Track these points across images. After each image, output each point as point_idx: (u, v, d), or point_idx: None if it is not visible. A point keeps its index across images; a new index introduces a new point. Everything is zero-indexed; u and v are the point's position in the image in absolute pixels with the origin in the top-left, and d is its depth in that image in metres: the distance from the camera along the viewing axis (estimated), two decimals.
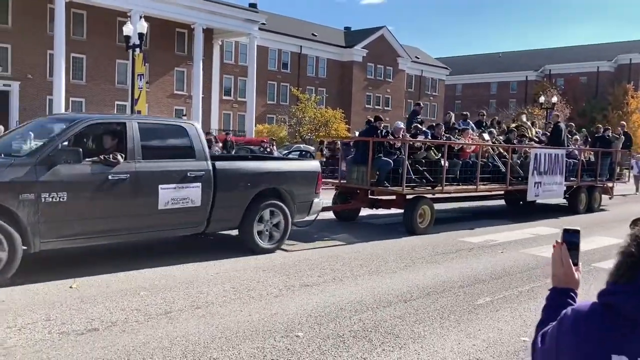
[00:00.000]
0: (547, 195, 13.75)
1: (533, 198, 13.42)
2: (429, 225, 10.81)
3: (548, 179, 13.25)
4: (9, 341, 4.44)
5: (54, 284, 6.08)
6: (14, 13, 33.15)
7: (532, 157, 12.96)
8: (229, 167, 8.13)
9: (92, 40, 35.98)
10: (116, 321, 5.00)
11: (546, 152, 13.42)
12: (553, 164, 13.35)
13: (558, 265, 1.64)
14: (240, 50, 46.76)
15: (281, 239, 8.45)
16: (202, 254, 7.94)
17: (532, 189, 12.92)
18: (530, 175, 12.85)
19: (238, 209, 7.97)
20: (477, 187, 11.94)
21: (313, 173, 9.09)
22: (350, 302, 5.87)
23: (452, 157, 11.80)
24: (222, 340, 4.62)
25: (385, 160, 10.61)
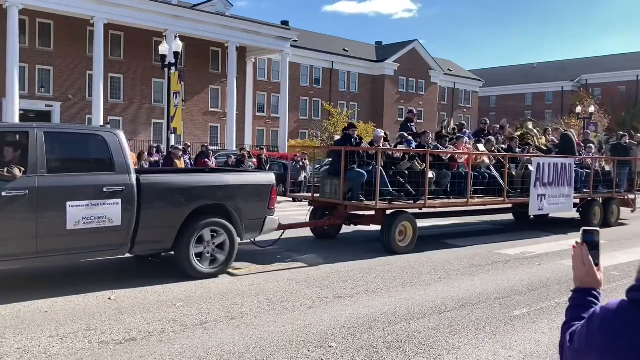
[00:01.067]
0: (554, 209, 12.66)
1: (536, 212, 12.44)
2: (410, 244, 9.75)
3: (554, 190, 12.21)
4: (51, 350, 4.58)
5: (93, 296, 6.25)
6: (56, 37, 34.36)
7: (535, 167, 11.89)
8: (157, 181, 7.24)
9: (129, 61, 36.97)
10: (153, 331, 5.11)
11: (551, 161, 12.32)
12: (560, 175, 12.32)
13: (579, 266, 1.64)
14: (273, 67, 47.33)
15: (226, 261, 7.49)
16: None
17: (534, 201, 11.90)
18: (533, 186, 11.80)
19: (170, 228, 7.03)
20: (467, 201, 10.83)
21: (265, 187, 8.07)
22: (384, 314, 5.86)
23: (442, 168, 10.93)
24: (257, 351, 4.66)
25: (358, 171, 9.76)
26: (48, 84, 34.46)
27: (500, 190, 11.70)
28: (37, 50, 33.50)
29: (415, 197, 10.20)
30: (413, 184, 10.21)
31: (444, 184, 10.83)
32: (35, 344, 4.71)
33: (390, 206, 9.88)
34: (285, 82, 41.74)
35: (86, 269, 7.75)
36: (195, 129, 38.75)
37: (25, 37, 32.32)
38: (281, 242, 9.57)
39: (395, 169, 10.23)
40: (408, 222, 9.84)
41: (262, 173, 10.14)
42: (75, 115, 34.78)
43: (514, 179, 12.29)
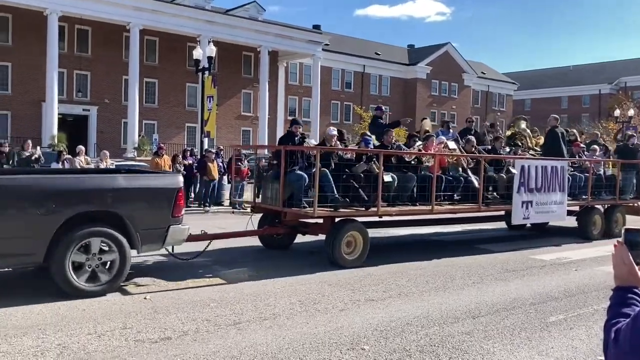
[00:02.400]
0: (543, 218, 11.40)
1: (520, 221, 10.94)
2: (360, 257, 8.56)
3: (543, 197, 10.79)
4: (89, 347, 4.69)
5: (129, 296, 6.37)
6: (93, 43, 35.16)
7: (518, 170, 10.45)
8: (11, 183, 6.17)
9: (163, 66, 37.59)
10: (188, 331, 5.18)
11: (539, 164, 10.90)
12: (550, 179, 10.88)
13: (620, 265, 1.65)
14: (305, 71, 47.54)
15: (115, 278, 6.40)
16: (268, 269, 8.09)
17: (518, 209, 10.47)
18: (516, 192, 10.38)
19: (37, 239, 5.99)
20: (432, 208, 9.45)
21: (167, 191, 6.94)
22: (417, 317, 5.81)
23: (409, 171, 9.60)
24: (289, 351, 4.68)
25: (298, 174, 8.47)
26: (85, 88, 35.28)
27: (475, 196, 10.22)
28: (75, 56, 34.33)
29: (367, 204, 8.82)
30: (372, 188, 8.85)
31: (409, 189, 9.49)
32: (74, 340, 4.83)
33: (333, 213, 8.58)
34: (317, 86, 41.88)
35: None
36: (227, 133, 39.12)
37: (64, 43, 33.16)
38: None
39: (351, 172, 8.97)
40: (357, 231, 8.60)
41: (166, 175, 8.32)
42: (112, 119, 35.51)
43: (495, 183, 10.90)
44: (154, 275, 7.45)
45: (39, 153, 14.77)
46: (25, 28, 31.84)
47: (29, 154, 14.22)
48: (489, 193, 10.63)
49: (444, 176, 9.93)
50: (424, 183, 9.55)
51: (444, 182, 9.87)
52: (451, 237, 12.35)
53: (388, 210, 9.09)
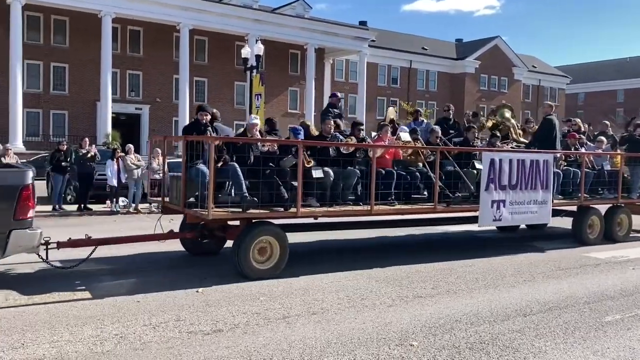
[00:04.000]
0: (519, 219, 9.77)
1: (490, 223, 9.40)
2: (277, 266, 7.36)
3: (520, 195, 9.33)
4: (145, 337, 4.86)
5: (182, 290, 6.54)
6: (144, 44, 36.14)
7: (486, 164, 8.99)
8: None
9: (212, 64, 38.27)
10: (238, 324, 5.30)
11: (514, 157, 9.37)
12: (529, 175, 9.42)
13: None
14: (351, 67, 47.46)
15: None
16: (315, 266, 8.16)
17: (487, 210, 8.99)
18: (484, 190, 8.93)
19: None
20: (371, 209, 8.07)
21: (6, 189, 5.89)
22: (466, 315, 5.76)
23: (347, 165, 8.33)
24: (338, 346, 4.73)
25: (197, 169, 7.33)
26: (138, 88, 36.30)
27: (444, 195, 8.94)
28: (128, 56, 35.36)
29: (286, 203, 7.51)
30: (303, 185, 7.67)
31: (350, 186, 8.31)
32: (130, 331, 5.02)
33: (235, 215, 7.28)
34: (363, 82, 41.78)
35: (176, 265, 8.15)
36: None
37: (117, 44, 34.18)
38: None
39: (276, 167, 7.72)
40: (272, 236, 7.36)
41: (7, 170, 6.66)
42: (163, 117, 36.41)
43: (459, 180, 9.37)
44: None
45: (95, 151, 15.29)
46: (81, 30, 33.01)
47: (85, 151, 14.74)
48: (452, 191, 9.13)
49: (394, 171, 8.71)
50: (378, 180, 8.29)
51: (396, 178, 8.65)
52: (502, 235, 12.13)
53: (311, 212, 7.76)
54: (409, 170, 9.05)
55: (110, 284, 6.81)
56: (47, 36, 33.20)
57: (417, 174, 9.00)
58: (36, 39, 32.62)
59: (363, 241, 10.14)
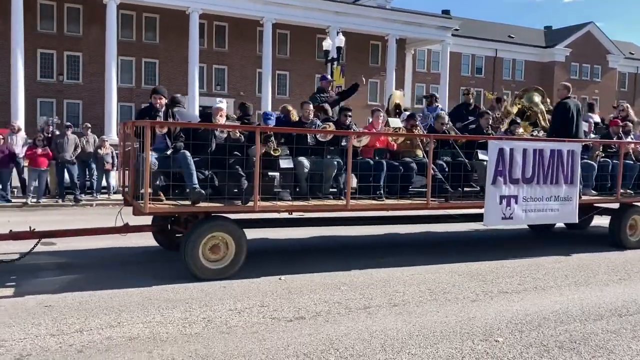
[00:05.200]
0: (535, 218, 8.44)
1: (497, 222, 8.16)
2: (231, 266, 6.67)
3: (536, 190, 8.18)
4: (231, 321, 5.03)
5: (264, 277, 6.70)
6: (230, 38, 37.19)
7: (494, 154, 7.85)
8: None
9: (294, 58, 38.78)
10: (320, 312, 5.36)
11: (530, 146, 8.17)
12: (550, 167, 8.26)
13: None
14: (433, 57, 46.56)
15: None
16: (397, 258, 8.11)
17: (494, 206, 7.89)
18: (490, 183, 7.87)
19: None
20: (346, 204, 7.18)
21: None
22: (554, 312, 5.52)
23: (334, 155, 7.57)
24: (420, 338, 4.68)
25: (143, 157, 6.42)
26: (223, 82, 37.42)
27: (442, 189, 7.95)
28: (214, 51, 36.52)
29: (240, 197, 6.78)
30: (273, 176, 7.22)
31: (328, 178, 7.50)
32: (217, 315, 5.21)
33: (177, 209, 6.67)
34: (445, 73, 40.85)
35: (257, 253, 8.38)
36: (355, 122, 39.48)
37: (204, 39, 35.36)
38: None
39: (244, 156, 6.96)
40: (226, 233, 6.70)
41: None
42: None
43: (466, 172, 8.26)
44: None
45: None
46: (170, 27, 34.44)
47: None
48: (449, 184, 8.04)
49: (384, 162, 7.82)
50: (366, 172, 7.62)
51: (388, 170, 7.79)
52: (592, 231, 11.52)
53: (274, 206, 6.97)
54: (404, 161, 8.10)
55: None
56: (139, 33, 34.89)
57: (413, 166, 8.03)
58: (129, 36, 34.35)
59: (440, 235, 9.97)
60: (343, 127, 7.98)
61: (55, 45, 33.05)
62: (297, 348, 4.38)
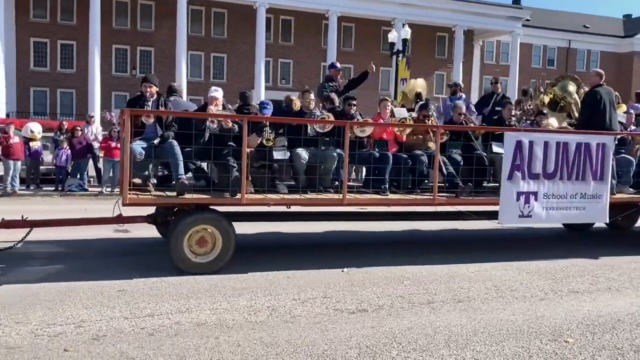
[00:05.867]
0: (560, 217, 7.84)
1: (515, 220, 7.58)
2: (218, 260, 6.42)
3: (559, 187, 7.57)
4: (294, 311, 5.11)
5: (327, 269, 6.75)
6: (295, 32, 37.54)
7: (510, 147, 7.33)
8: None
9: (358, 51, 38.65)
10: (383, 305, 5.35)
11: (553, 139, 7.55)
12: (576, 161, 7.60)
13: None
14: (502, 49, 45.24)
15: None
16: (458, 254, 7.97)
17: (510, 203, 7.35)
18: (506, 178, 7.34)
19: None
20: (343, 198, 6.82)
21: None
22: (630, 315, 5.27)
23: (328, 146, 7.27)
24: (485, 335, 4.58)
25: (131, 147, 6.24)
26: (288, 75, 37.85)
27: (454, 184, 7.57)
28: (279, 45, 36.97)
29: (224, 188, 6.60)
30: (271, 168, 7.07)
31: (328, 171, 7.24)
32: (281, 304, 5.30)
33: (158, 201, 6.47)
34: (515, 64, 39.64)
35: (321, 245, 8.44)
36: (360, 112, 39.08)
37: (270, 33, 35.84)
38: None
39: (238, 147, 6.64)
40: (212, 226, 6.45)
41: None
42: None
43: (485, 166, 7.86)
44: None
45: None
46: (238, 22, 35.13)
47: None
48: (460, 179, 7.64)
49: (389, 154, 7.48)
50: (371, 164, 7.38)
51: (395, 163, 7.45)
52: None
53: (262, 199, 6.65)
54: (413, 154, 7.68)
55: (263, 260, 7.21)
56: (208, 28, 35.79)
57: (424, 159, 7.63)
58: (198, 31, 35.30)
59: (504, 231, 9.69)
60: (347, 117, 7.72)
61: (129, 41, 34.44)
62: (359, 340, 4.40)
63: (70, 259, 7.07)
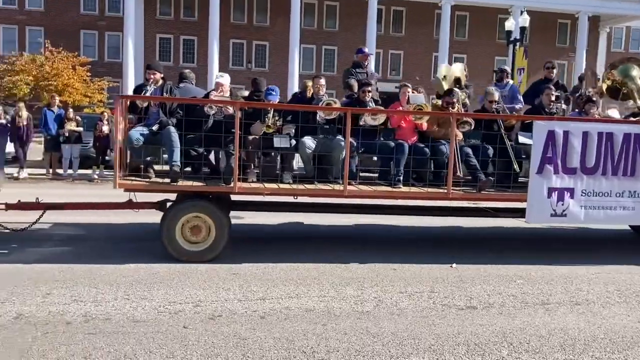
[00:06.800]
0: (602, 218, 6.88)
1: (546, 220, 6.87)
2: (212, 249, 6.34)
3: (602, 183, 6.73)
4: (401, 303, 5.09)
5: (436, 264, 6.65)
6: (407, 22, 37.09)
7: (541, 137, 6.61)
8: None
9: (472, 40, 37.46)
10: (493, 303, 5.19)
11: (592, 128, 6.71)
12: (623, 155, 6.72)
13: None
14: (632, 35, 41.76)
15: None
16: (574, 254, 7.51)
17: (540, 200, 6.64)
18: (535, 172, 6.64)
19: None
20: (344, 189, 6.49)
21: None
22: None
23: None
24: (606, 342, 4.30)
25: (129, 134, 6.55)
26: (398, 67, 37.50)
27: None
28: (390, 36, 36.71)
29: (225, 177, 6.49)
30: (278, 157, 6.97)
31: (336, 161, 6.89)
32: (387, 296, 5.30)
33: (149, 187, 6.45)
34: None
35: (428, 240, 8.32)
36: None
37: (381, 24, 35.66)
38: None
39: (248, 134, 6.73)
40: (205, 214, 6.35)
41: None
42: None
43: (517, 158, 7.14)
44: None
45: None
46: (349, 14, 35.34)
47: None
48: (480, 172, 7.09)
49: (405, 144, 7.02)
50: (387, 154, 7.03)
51: (413, 154, 6.98)
52: None
53: (255, 189, 6.47)
54: (434, 144, 7.16)
55: (368, 252, 7.24)
56: (320, 21, 36.33)
57: (444, 149, 7.05)
58: (311, 25, 35.94)
59: (630, 232, 8.94)
60: (362, 104, 7.39)
61: (245, 35, 35.83)
62: (467, 337, 4.30)
63: None
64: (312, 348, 4.01)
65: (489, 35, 37.04)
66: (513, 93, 9.00)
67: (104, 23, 35.12)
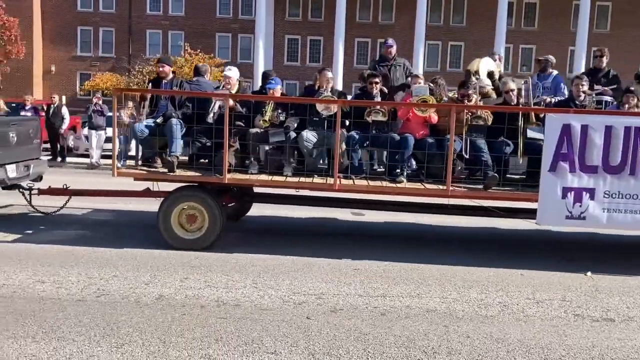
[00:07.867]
0: (629, 222, 6.04)
1: (560, 222, 6.21)
2: (205, 237, 6.55)
3: (628, 184, 5.94)
4: (528, 310, 4.87)
5: (566, 273, 6.24)
6: (540, 15, 35.12)
7: (555, 132, 5.99)
8: None
9: (615, 32, 34.60)
10: (633, 317, 4.80)
11: (616, 122, 5.98)
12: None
13: None
14: None
15: None
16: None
17: (553, 200, 6.01)
18: (547, 170, 6.02)
19: None
20: (335, 183, 6.41)
21: None
22: None
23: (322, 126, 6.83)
24: None
25: (135, 125, 7.17)
26: (529, 62, 35.61)
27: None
28: (522, 31, 34.99)
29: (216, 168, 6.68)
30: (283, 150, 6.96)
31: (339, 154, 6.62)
32: (514, 302, 5.09)
33: (146, 175, 6.81)
34: None
35: (546, 242, 7.86)
36: None
37: (512, 19, 34.09)
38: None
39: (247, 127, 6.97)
40: (199, 204, 6.60)
41: None
42: None
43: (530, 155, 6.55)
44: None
45: None
46: (478, 9, 34.23)
47: None
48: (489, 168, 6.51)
49: (409, 137, 6.68)
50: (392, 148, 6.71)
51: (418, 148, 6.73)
52: None
53: (247, 180, 6.74)
54: (442, 138, 6.70)
55: (489, 256, 6.99)
56: (447, 17, 35.53)
57: (456, 145, 6.57)
58: (437, 21, 35.28)
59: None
60: (369, 97, 7.19)
61: (370, 34, 35.96)
62: (603, 351, 4.02)
63: (299, 236, 7.75)
64: (434, 349, 3.97)
65: (631, 24, 34.01)
66: (557, 84, 8.28)
67: (237, 26, 36.97)
